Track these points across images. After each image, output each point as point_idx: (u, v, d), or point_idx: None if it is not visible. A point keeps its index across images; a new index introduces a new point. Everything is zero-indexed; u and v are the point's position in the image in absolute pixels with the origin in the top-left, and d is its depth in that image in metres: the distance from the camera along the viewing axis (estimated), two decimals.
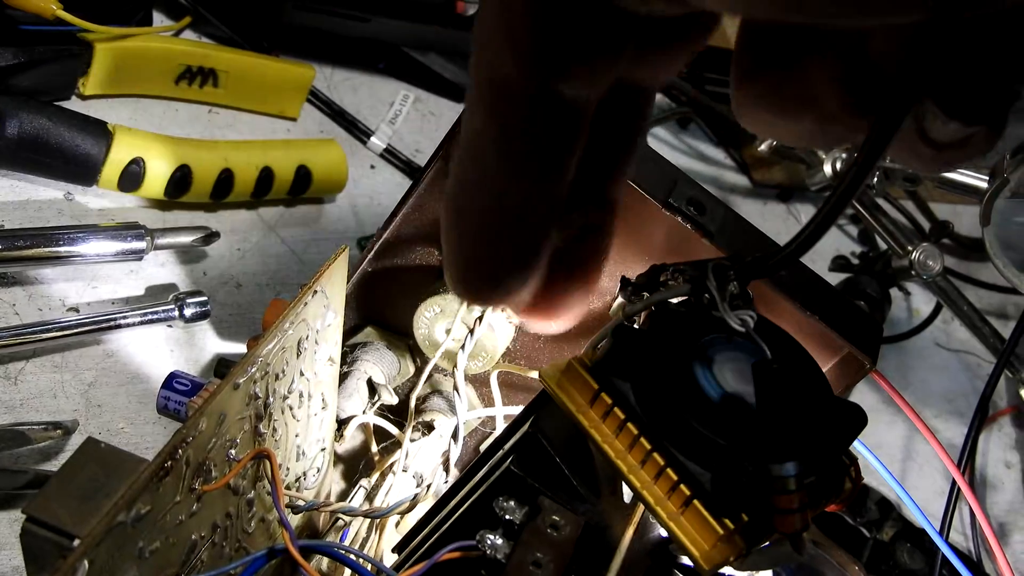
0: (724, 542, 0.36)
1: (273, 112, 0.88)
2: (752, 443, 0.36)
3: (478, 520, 0.42)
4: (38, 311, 0.65)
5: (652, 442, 0.37)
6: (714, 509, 0.36)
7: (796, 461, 0.35)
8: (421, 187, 0.58)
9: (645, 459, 0.37)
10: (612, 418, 0.38)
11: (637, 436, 0.37)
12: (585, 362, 0.39)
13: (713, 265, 0.37)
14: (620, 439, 0.37)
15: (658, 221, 0.53)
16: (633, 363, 0.38)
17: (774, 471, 0.35)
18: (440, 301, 0.59)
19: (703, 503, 0.36)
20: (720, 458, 0.36)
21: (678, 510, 0.37)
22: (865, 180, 0.29)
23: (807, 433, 0.36)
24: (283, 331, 0.45)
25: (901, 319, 1.15)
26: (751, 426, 0.36)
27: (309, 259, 0.80)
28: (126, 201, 0.74)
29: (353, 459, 0.68)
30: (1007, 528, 0.99)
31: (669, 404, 0.37)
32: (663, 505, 0.37)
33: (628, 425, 0.37)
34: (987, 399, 0.92)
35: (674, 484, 0.37)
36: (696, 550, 0.36)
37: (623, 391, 0.38)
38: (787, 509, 0.35)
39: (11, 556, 0.56)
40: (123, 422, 0.64)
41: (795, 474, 0.35)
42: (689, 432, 0.36)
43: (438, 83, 1.01)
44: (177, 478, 0.39)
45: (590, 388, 0.38)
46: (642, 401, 0.38)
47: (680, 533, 0.36)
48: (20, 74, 0.69)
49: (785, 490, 0.35)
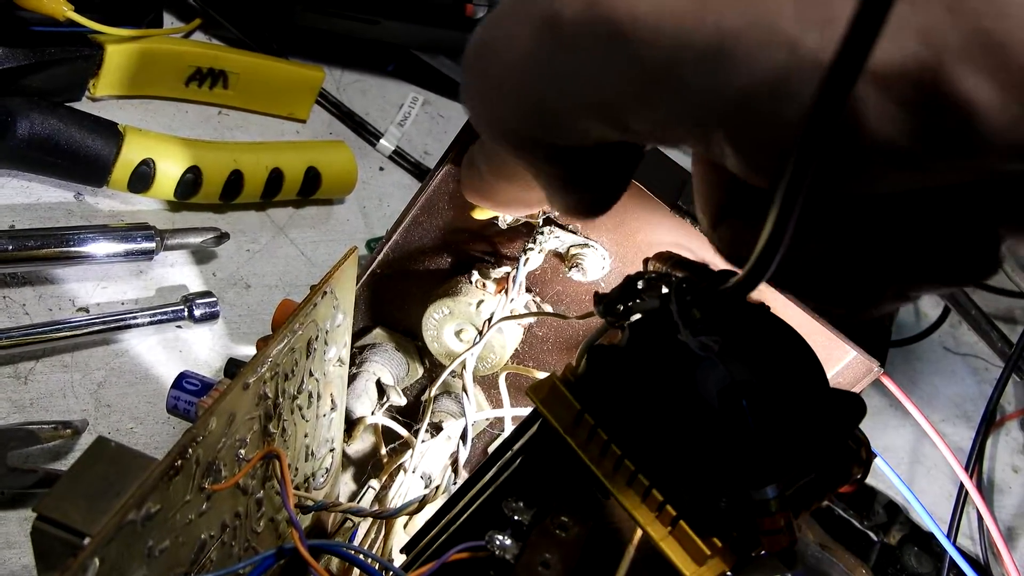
0: (714, 559, 0.36)
1: (283, 114, 0.88)
2: (727, 472, 0.35)
3: (487, 521, 0.42)
4: (48, 311, 0.65)
5: (636, 463, 0.37)
6: (700, 528, 0.36)
7: (775, 483, 0.35)
8: (430, 189, 0.58)
9: (631, 479, 0.37)
10: (596, 439, 0.38)
11: (621, 457, 0.37)
12: (569, 378, 0.39)
13: (676, 285, 0.36)
14: (607, 460, 0.37)
15: (667, 224, 0.53)
16: (610, 383, 0.38)
17: (755, 496, 0.35)
18: (449, 303, 0.59)
19: (689, 523, 0.36)
20: (700, 481, 0.36)
21: (667, 529, 0.37)
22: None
23: (791, 442, 0.36)
24: (292, 332, 0.46)
25: (909, 323, 1.14)
26: (728, 451, 0.36)
27: (318, 260, 0.81)
28: (136, 202, 0.74)
29: (362, 460, 0.69)
30: (1015, 532, 0.99)
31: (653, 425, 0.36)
32: (653, 526, 0.37)
33: (612, 446, 0.37)
34: (995, 403, 0.92)
35: (660, 504, 0.37)
36: (687, 571, 0.36)
37: (606, 410, 0.38)
38: (772, 530, 0.35)
39: (21, 554, 0.56)
40: (133, 422, 0.64)
41: (775, 496, 0.35)
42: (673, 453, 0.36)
43: (447, 85, 1.01)
44: (187, 477, 0.39)
45: (573, 408, 0.38)
46: (625, 421, 0.37)
47: (671, 553, 0.36)
48: (31, 75, 0.69)
49: (767, 512, 0.35)
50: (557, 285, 0.60)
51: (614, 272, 0.57)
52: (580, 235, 0.57)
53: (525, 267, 0.57)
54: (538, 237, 0.56)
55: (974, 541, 0.92)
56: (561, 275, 0.59)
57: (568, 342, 0.62)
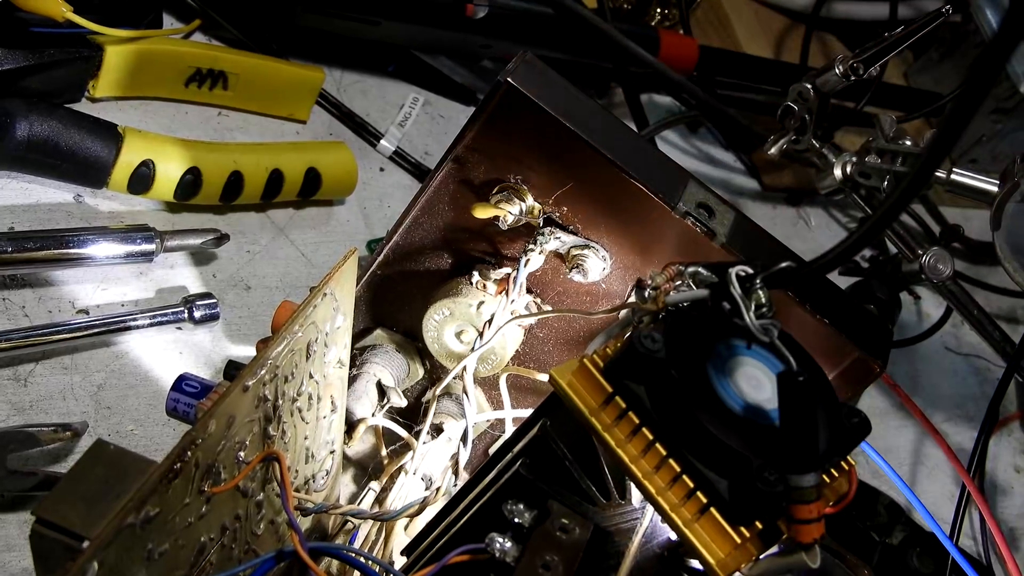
0: (739, 549, 0.36)
1: (283, 115, 0.88)
2: (773, 454, 0.36)
3: (487, 523, 0.42)
4: (48, 313, 0.65)
5: (668, 448, 0.37)
6: (730, 517, 0.36)
7: (816, 472, 0.35)
8: (431, 190, 0.58)
9: (660, 465, 0.37)
10: (625, 422, 0.38)
11: (652, 441, 0.37)
12: (597, 362, 0.39)
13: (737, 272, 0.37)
14: (633, 443, 0.37)
15: (668, 224, 0.53)
16: (648, 367, 0.38)
17: (794, 482, 0.35)
18: (450, 304, 0.59)
19: (719, 510, 0.36)
20: (739, 467, 0.36)
21: (693, 517, 0.37)
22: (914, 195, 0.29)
23: (825, 443, 0.36)
24: (292, 333, 0.45)
25: (911, 323, 1.14)
26: (770, 436, 0.36)
27: (318, 261, 0.80)
28: (136, 203, 0.74)
29: (362, 462, 0.68)
30: (1017, 533, 0.99)
31: (689, 411, 0.37)
32: (677, 511, 0.37)
33: (643, 430, 0.37)
34: (997, 403, 0.92)
35: (690, 491, 0.37)
36: (711, 557, 0.36)
37: (638, 395, 0.38)
38: (806, 519, 0.35)
39: (21, 557, 0.56)
40: (132, 424, 0.64)
41: (815, 484, 0.35)
42: (708, 440, 0.36)
43: (447, 86, 1.01)
44: (186, 480, 0.39)
45: (603, 390, 0.38)
46: (658, 406, 0.37)
47: (695, 540, 0.36)
48: (30, 76, 0.69)
49: (804, 500, 0.35)
50: (558, 286, 0.60)
51: (614, 273, 0.57)
52: (581, 236, 0.57)
53: (526, 268, 0.57)
54: (539, 238, 0.56)
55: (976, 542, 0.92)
56: (562, 276, 0.59)
57: (569, 343, 0.62)
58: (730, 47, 1.21)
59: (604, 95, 1.15)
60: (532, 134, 0.53)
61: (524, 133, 0.53)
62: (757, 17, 1.28)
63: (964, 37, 1.33)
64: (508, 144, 0.54)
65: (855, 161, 0.89)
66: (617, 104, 1.13)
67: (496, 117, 0.53)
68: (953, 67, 1.35)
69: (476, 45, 0.98)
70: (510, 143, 0.54)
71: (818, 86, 0.89)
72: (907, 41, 0.85)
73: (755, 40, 1.24)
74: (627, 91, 1.08)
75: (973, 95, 0.28)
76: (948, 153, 0.29)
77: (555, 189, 0.55)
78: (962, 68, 1.34)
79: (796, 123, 0.90)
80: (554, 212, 0.56)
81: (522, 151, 0.54)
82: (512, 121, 0.53)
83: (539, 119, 0.52)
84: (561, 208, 0.56)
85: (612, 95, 1.15)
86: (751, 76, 1.16)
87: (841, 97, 1.05)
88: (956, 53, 1.35)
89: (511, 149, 0.55)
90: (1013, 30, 0.26)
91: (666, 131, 1.15)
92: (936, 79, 1.36)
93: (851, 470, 0.41)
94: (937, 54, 1.37)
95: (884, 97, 1.23)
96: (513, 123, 0.53)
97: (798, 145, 0.92)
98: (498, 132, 0.54)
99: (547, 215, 0.56)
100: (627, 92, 1.08)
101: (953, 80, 1.33)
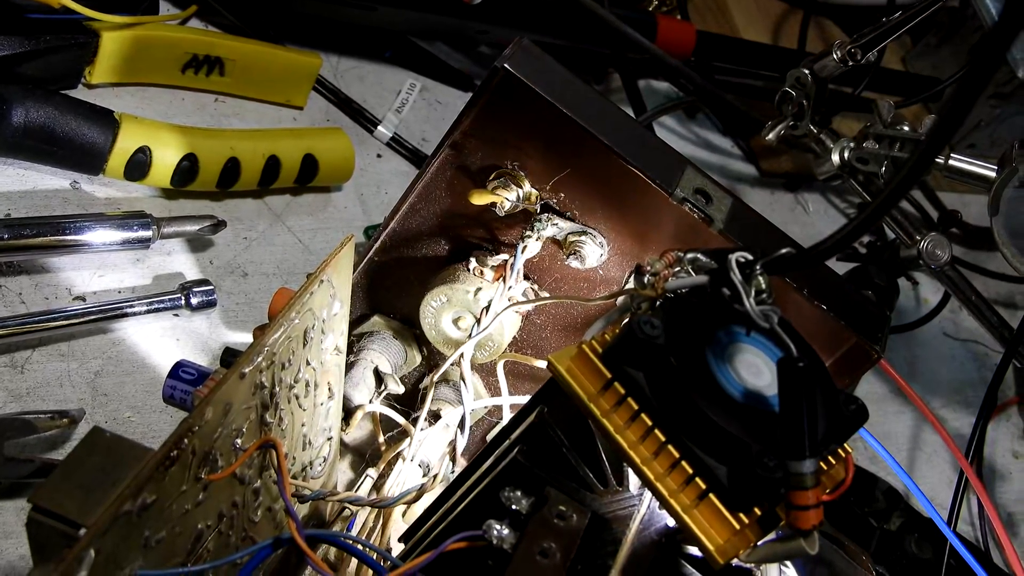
0: (737, 536, 0.36)
1: (279, 101, 0.87)
2: (772, 440, 0.36)
3: (485, 510, 0.42)
4: (44, 300, 0.65)
5: (667, 434, 0.37)
6: (729, 503, 0.36)
7: (815, 458, 0.35)
8: (428, 176, 0.57)
9: (658, 451, 0.37)
10: (624, 408, 0.38)
11: (651, 427, 0.37)
12: (596, 348, 0.39)
13: (737, 258, 0.37)
14: (632, 429, 0.37)
15: (665, 211, 0.53)
16: (648, 353, 0.38)
17: (793, 468, 0.35)
18: (447, 290, 0.59)
19: (718, 497, 0.36)
20: (738, 454, 0.36)
21: (692, 503, 0.37)
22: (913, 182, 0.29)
23: (823, 430, 0.36)
24: (289, 320, 0.45)
25: (909, 309, 1.14)
26: (769, 422, 0.36)
27: (316, 248, 0.80)
28: (132, 190, 0.74)
29: (360, 449, 0.68)
30: (1015, 518, 0.99)
31: (688, 397, 0.37)
32: (676, 497, 0.37)
33: (642, 416, 0.37)
34: (995, 389, 0.92)
35: (689, 477, 0.37)
36: (710, 543, 0.36)
37: (637, 381, 0.38)
38: (804, 505, 0.35)
39: (18, 544, 0.56)
40: (129, 411, 0.64)
41: (813, 471, 0.35)
42: (708, 426, 0.36)
43: (445, 72, 1.01)
44: (183, 467, 0.39)
45: (602, 376, 0.38)
46: (657, 392, 0.37)
47: (694, 526, 0.36)
48: (26, 63, 0.69)
49: (803, 487, 0.35)
50: (555, 272, 0.60)
51: (612, 260, 0.57)
52: (578, 222, 0.56)
53: (523, 255, 0.57)
54: (536, 225, 0.56)
55: (974, 527, 0.92)
56: (559, 262, 0.59)
57: (567, 330, 0.62)
58: (727, 32, 1.21)
59: (601, 81, 1.15)
60: (529, 120, 0.53)
61: (521, 119, 0.53)
62: (755, 2, 1.28)
63: (962, 22, 1.33)
64: (505, 130, 0.54)
65: (853, 147, 0.89)
66: (614, 90, 1.13)
67: (493, 103, 0.53)
68: (951, 52, 1.35)
69: (473, 31, 0.97)
70: (507, 129, 0.54)
71: (816, 71, 0.89)
72: (905, 26, 0.85)
73: (753, 25, 1.24)
74: (624, 77, 1.07)
75: (973, 84, 0.28)
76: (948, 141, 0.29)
77: (552, 175, 0.55)
78: (961, 53, 1.33)
79: (794, 109, 0.90)
80: (551, 198, 0.56)
81: (519, 137, 0.54)
82: (509, 107, 0.53)
83: (536, 105, 0.52)
84: (558, 194, 0.56)
85: (609, 81, 1.15)
86: (749, 62, 1.16)
87: (839, 82, 1.05)
88: (954, 38, 1.35)
89: (508, 135, 0.54)
90: (1014, 18, 0.26)
91: (663, 117, 1.15)
92: (934, 64, 1.36)
93: (848, 457, 0.41)
94: (935, 39, 1.37)
95: (882, 82, 1.23)
96: (510, 109, 0.53)
97: (796, 131, 0.92)
98: (495, 118, 0.54)
99: (544, 201, 0.56)
100: (624, 78, 1.07)
101: (952, 65, 1.33)
